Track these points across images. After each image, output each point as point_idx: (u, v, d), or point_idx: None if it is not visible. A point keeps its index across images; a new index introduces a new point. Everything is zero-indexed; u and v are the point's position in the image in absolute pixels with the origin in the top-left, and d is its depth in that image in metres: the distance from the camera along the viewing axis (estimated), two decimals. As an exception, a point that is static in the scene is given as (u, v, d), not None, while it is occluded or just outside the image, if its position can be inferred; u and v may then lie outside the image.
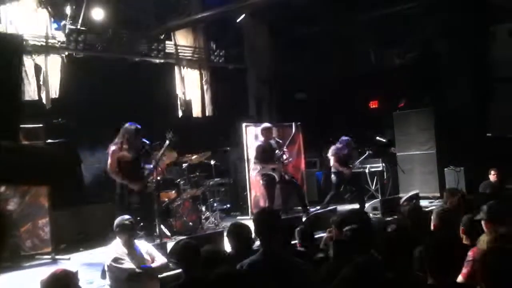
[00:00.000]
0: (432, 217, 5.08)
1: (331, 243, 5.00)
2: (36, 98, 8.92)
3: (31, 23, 8.87)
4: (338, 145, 10.31)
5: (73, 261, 7.59)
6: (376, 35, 13.48)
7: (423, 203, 10.43)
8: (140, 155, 7.54)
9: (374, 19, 12.48)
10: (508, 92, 10.97)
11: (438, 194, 11.05)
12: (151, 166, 7.60)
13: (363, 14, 12.31)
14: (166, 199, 9.06)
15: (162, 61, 10.97)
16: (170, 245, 6.47)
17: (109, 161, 7.40)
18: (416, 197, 10.16)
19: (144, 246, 5.87)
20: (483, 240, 4.07)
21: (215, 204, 9.97)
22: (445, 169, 11.45)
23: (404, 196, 10.25)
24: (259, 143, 9.33)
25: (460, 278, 4.09)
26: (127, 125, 7.42)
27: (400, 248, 3.95)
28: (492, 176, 9.59)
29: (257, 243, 4.70)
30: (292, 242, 5.83)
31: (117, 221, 5.71)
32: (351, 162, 10.56)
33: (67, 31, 9.26)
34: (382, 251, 3.99)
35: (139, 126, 7.43)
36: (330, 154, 10.33)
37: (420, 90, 12.65)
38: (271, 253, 3.97)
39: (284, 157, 9.43)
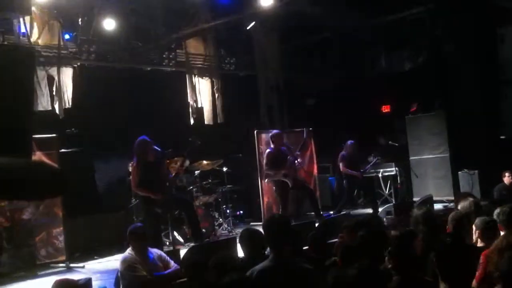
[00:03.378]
0: (448, 220, 5.06)
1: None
2: (49, 108, 9.00)
3: (43, 34, 8.97)
4: (344, 151, 10.33)
5: (87, 269, 7.66)
6: (386, 39, 13.47)
7: (437, 207, 10.37)
8: (158, 165, 7.66)
9: (384, 23, 12.47)
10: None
11: (452, 198, 10.97)
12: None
13: (373, 19, 12.31)
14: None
15: (173, 69, 11.04)
16: (183, 252, 6.52)
17: (131, 177, 7.62)
18: (430, 201, 10.09)
19: (157, 253, 5.90)
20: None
21: (228, 211, 9.99)
22: (459, 172, 11.38)
23: (418, 200, 10.19)
24: (269, 150, 9.31)
25: (474, 282, 4.06)
26: (137, 140, 7.53)
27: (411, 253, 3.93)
28: (507, 179, 9.49)
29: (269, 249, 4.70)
30: (304, 248, 5.82)
31: (129, 229, 5.76)
32: (363, 166, 10.54)
33: (78, 41, 9.36)
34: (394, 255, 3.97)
35: (146, 139, 7.52)
36: (339, 161, 10.36)
37: (432, 93, 12.60)
38: (281, 259, 3.97)
39: (296, 162, 9.41)
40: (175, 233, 8.50)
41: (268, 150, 9.30)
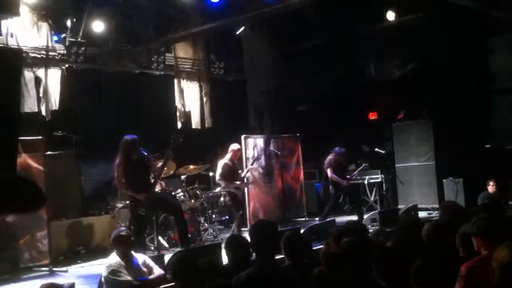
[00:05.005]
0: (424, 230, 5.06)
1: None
2: (36, 110, 8.96)
3: (32, 36, 8.92)
4: (331, 156, 10.35)
5: (70, 274, 7.61)
6: (376, 47, 13.57)
7: (422, 214, 10.44)
8: (142, 165, 7.62)
9: (374, 30, 12.57)
10: (506, 103, 11.03)
11: (437, 206, 11.05)
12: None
13: (363, 26, 12.39)
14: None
15: (162, 73, 11.03)
16: (167, 257, 6.50)
17: (115, 176, 7.56)
18: (415, 209, 10.16)
19: (141, 258, 5.88)
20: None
21: (213, 216, 9.96)
22: (444, 180, 11.47)
23: (403, 207, 10.26)
24: (226, 161, 9.45)
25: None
26: (125, 138, 7.48)
27: (398, 262, 3.94)
28: (491, 188, 9.57)
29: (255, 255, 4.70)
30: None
31: (114, 233, 5.74)
32: (349, 173, 10.59)
33: (67, 43, 9.32)
34: (380, 264, 3.98)
35: (136, 137, 7.49)
36: (326, 166, 10.37)
37: (419, 101, 12.70)
38: (267, 266, 3.98)
39: (248, 174, 9.84)
40: (160, 238, 8.46)
41: (225, 161, 9.43)
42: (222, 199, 9.50)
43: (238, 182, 9.55)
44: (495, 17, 10.68)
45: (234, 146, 9.68)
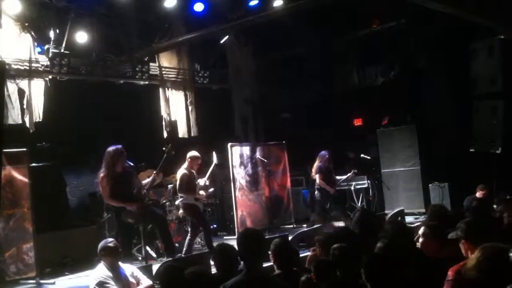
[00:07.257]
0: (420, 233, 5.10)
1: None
2: (20, 122, 8.88)
3: (15, 47, 8.86)
4: (319, 163, 10.33)
5: (58, 286, 7.54)
6: (359, 54, 13.67)
7: (409, 219, 10.50)
8: (128, 177, 7.59)
9: (357, 38, 12.66)
10: (489, 108, 11.11)
11: (423, 210, 11.13)
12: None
13: (346, 34, 12.50)
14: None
15: (146, 83, 10.99)
16: (155, 267, 6.47)
17: (100, 188, 7.51)
18: (402, 214, 10.21)
19: (129, 269, 5.84)
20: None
21: (201, 225, 9.90)
22: (430, 185, 11.56)
23: (390, 213, 10.30)
24: (185, 171, 8.53)
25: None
26: (109, 149, 7.44)
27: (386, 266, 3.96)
28: (480, 193, 9.59)
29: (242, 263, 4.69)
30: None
31: (101, 244, 5.70)
32: (337, 180, 10.61)
33: (50, 54, 9.25)
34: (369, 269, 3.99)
35: (119, 147, 7.44)
36: (314, 172, 10.36)
37: (404, 107, 12.80)
38: (255, 273, 3.97)
39: (207, 184, 8.88)
40: (148, 248, 8.42)
41: (184, 172, 8.52)
42: (180, 211, 8.83)
43: (202, 193, 8.64)
44: (477, 22, 10.80)
45: (192, 154, 8.68)
